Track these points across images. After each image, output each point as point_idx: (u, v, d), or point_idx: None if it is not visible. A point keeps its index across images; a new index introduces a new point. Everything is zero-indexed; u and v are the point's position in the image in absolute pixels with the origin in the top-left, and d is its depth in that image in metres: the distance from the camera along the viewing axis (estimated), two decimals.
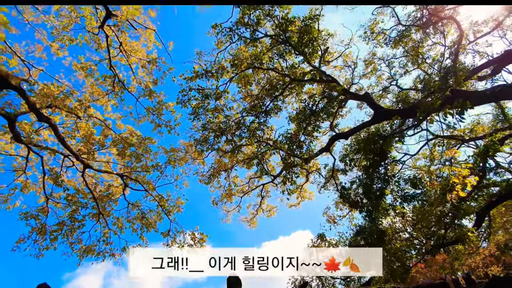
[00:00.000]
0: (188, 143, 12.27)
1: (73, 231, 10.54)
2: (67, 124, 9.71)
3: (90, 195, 10.72)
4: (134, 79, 10.52)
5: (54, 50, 9.45)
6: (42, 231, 10.18)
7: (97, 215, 10.90)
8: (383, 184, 10.08)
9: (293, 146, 10.91)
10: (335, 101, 11.01)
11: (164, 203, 11.88)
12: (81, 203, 10.61)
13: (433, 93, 11.70)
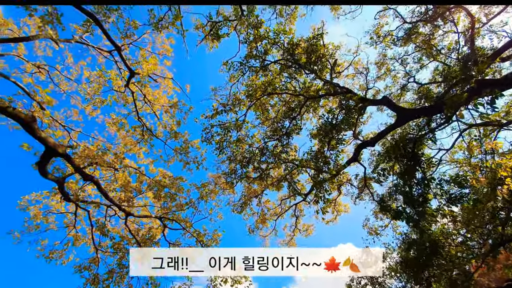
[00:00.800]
0: (216, 175, 12.63)
1: (122, 277, 10.97)
2: (106, 177, 10.49)
3: (134, 240, 11.23)
4: (160, 125, 11.28)
5: (88, 112, 10.50)
6: (95, 281, 10.71)
7: None
8: (424, 189, 9.55)
9: (319, 162, 10.83)
10: (354, 110, 10.92)
11: (202, 238, 12.08)
12: (127, 249, 11.12)
13: (456, 84, 11.23)
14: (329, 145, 10.60)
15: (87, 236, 11.53)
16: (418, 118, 11.59)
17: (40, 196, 10.16)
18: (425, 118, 11.11)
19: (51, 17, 7.00)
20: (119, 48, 8.47)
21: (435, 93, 12.32)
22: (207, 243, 12.06)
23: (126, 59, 8.79)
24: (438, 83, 13.23)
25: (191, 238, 12.49)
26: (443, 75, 12.75)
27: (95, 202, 10.07)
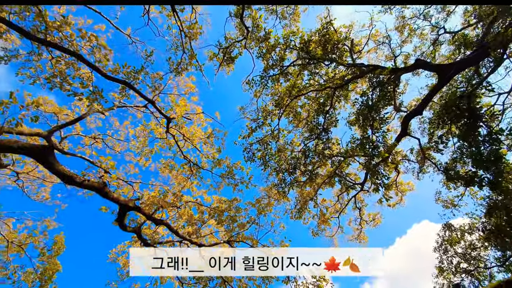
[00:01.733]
0: (267, 188, 12.83)
1: None
2: (171, 216, 11.40)
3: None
4: (202, 156, 11.97)
5: (141, 164, 11.65)
6: None
7: (223, 282, 11.88)
8: (493, 144, 8.46)
9: (366, 148, 10.33)
10: (387, 84, 10.29)
11: (270, 252, 12.29)
12: (207, 277, 11.81)
13: (495, 20, 9.95)
14: (372, 127, 10.09)
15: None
16: (463, 70, 10.45)
17: (124, 246, 11.43)
18: (471, 68, 9.98)
19: (95, 95, 8.09)
20: (152, 101, 9.36)
21: (474, 37, 11.02)
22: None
23: (160, 108, 9.65)
24: (473, 25, 11.86)
25: None
26: (476, 15, 11.40)
27: (169, 241, 10.97)
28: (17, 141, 6.35)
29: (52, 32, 7.50)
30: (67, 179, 7.19)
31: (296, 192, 13.41)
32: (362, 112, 10.04)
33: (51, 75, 7.53)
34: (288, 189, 11.33)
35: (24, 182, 9.93)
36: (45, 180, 10.32)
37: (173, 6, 8.83)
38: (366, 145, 10.42)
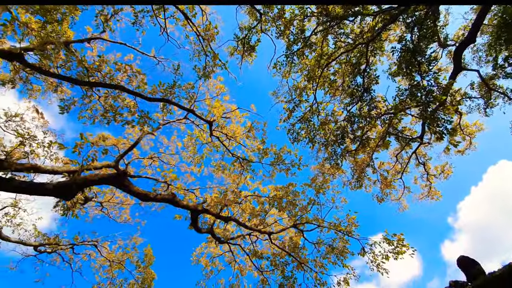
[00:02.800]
0: (319, 165, 12.60)
1: (293, 287, 12.02)
2: (236, 213, 11.97)
3: (283, 253, 12.25)
4: (248, 150, 12.24)
5: (195, 171, 12.39)
6: None
7: (299, 265, 12.14)
8: None
9: (418, 97, 9.40)
10: (424, 20, 9.14)
11: (338, 227, 12.11)
12: (282, 262, 12.20)
13: None
14: (419, 72, 9.12)
15: (247, 264, 13.26)
16: None
17: (202, 248, 12.41)
18: None
19: (143, 119, 8.81)
20: (191, 110, 9.84)
21: None
22: (346, 229, 12.00)
23: (200, 114, 10.10)
24: None
25: (328, 231, 12.72)
26: None
27: (240, 235, 11.56)
28: (96, 174, 7.28)
29: (94, 73, 8.33)
30: (142, 197, 8.03)
31: (350, 162, 12.93)
32: (404, 59, 9.13)
33: (104, 111, 8.41)
34: (341, 161, 10.95)
35: (108, 209, 11.43)
36: (123, 204, 11.72)
37: (185, 15, 9.07)
38: (417, 92, 9.49)
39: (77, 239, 10.65)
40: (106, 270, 11.72)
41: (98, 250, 11.25)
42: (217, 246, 12.44)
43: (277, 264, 12.57)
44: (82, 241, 10.75)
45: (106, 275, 11.80)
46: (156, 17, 9.25)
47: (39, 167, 7.52)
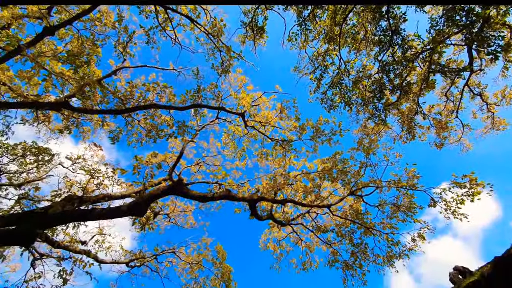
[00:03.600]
0: (362, 127, 12.02)
1: (365, 253, 11.90)
2: (289, 194, 12.10)
3: (347, 222, 12.12)
4: (284, 131, 12.15)
5: (240, 165, 12.74)
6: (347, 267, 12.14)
7: (366, 230, 11.92)
8: None
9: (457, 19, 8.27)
10: None
11: (399, 183, 11.52)
12: (348, 231, 12.11)
13: None
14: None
15: (313, 240, 13.42)
16: None
17: (266, 235, 12.87)
18: None
19: (181, 129, 9.28)
20: (221, 108, 10.06)
21: None
22: (408, 184, 11.37)
23: (230, 110, 10.28)
24: None
25: (389, 190, 12.19)
26: None
27: (300, 215, 11.71)
28: (158, 188, 7.94)
29: (128, 100, 8.94)
30: (201, 199, 8.56)
31: (395, 115, 12.07)
32: None
33: (147, 132, 9.04)
34: (385, 115, 10.26)
35: (174, 219, 12.46)
36: (186, 211, 12.66)
37: (190, 18, 9.16)
38: (456, 16, 8.37)
39: (157, 250, 11.86)
40: (188, 272, 12.89)
41: (177, 255, 12.40)
42: (279, 229, 12.79)
43: (344, 234, 12.50)
44: (162, 251, 11.93)
45: (190, 276, 12.98)
46: (165, 30, 9.51)
47: (110, 195, 8.45)
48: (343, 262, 12.64)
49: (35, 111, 8.53)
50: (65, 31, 8.39)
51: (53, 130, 9.76)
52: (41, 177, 8.97)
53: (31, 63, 8.34)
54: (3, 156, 8.69)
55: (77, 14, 7.39)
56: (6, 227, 6.81)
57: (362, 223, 12.26)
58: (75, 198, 7.48)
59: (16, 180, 8.66)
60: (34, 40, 7.35)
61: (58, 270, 7.06)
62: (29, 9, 7.62)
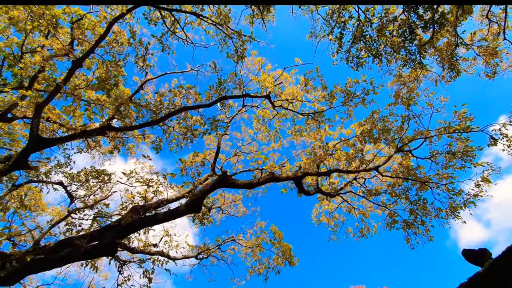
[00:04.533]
0: (395, 78, 11.14)
1: (425, 208, 11.36)
2: (332, 165, 11.89)
3: (399, 180, 11.61)
4: (314, 104, 11.78)
5: (276, 147, 12.76)
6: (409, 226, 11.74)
7: (421, 185, 11.34)
8: None
9: None
10: None
11: (449, 129, 10.59)
12: (402, 190, 11.65)
13: None
14: None
15: (366, 206, 13.16)
16: None
17: (317, 209, 12.94)
18: None
19: (213, 125, 9.54)
20: (245, 95, 10.07)
21: None
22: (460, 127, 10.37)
23: (255, 94, 10.23)
24: None
25: (439, 139, 11.31)
26: None
27: (347, 183, 11.49)
28: (206, 184, 8.40)
29: (160, 109, 9.39)
30: (248, 186, 8.85)
31: (432, 55, 10.90)
32: None
33: (183, 134, 9.48)
34: (421, 57, 9.30)
35: (226, 210, 13.17)
36: (235, 201, 13.27)
37: (195, 13, 9.13)
38: None
39: (219, 241, 12.70)
40: (251, 256, 13.65)
41: (237, 242, 13.17)
42: (329, 201, 12.72)
43: (398, 194, 12.01)
44: (223, 241, 12.76)
45: (253, 259, 13.74)
46: (175, 33, 9.63)
47: (167, 199, 9.17)
48: (403, 222, 12.24)
49: (85, 139, 9.51)
50: (89, 60, 9.00)
51: (104, 153, 10.81)
52: (106, 196, 10.06)
53: (70, 98, 9.18)
54: (72, 184, 9.87)
55: (96, 41, 7.84)
56: (91, 243, 7.83)
57: (415, 178, 11.63)
58: (139, 207, 8.26)
59: (88, 202, 9.84)
60: (67, 76, 8.02)
61: (142, 271, 7.99)
62: (55, 48, 8.29)
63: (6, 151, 9.55)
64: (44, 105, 7.44)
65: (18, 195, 9.51)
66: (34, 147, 7.84)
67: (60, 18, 8.12)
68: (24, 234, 9.74)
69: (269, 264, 13.49)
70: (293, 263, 13.71)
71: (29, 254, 6.79)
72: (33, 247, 7.63)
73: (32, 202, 10.03)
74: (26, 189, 9.79)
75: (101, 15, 8.07)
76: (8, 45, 9.33)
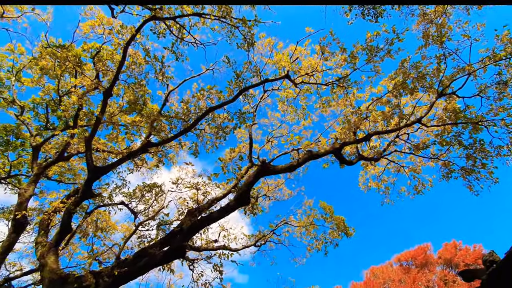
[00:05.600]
0: (420, 17, 10.09)
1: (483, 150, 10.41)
2: (369, 128, 11.37)
3: (447, 127, 10.72)
4: (336, 70, 11.23)
5: (307, 124, 12.54)
6: None
7: (475, 126, 10.36)
8: None
9: None
10: None
11: (494, 57, 9.38)
12: (452, 136, 10.77)
13: None
14: None
15: (416, 162, 12.48)
16: None
17: (363, 177, 12.63)
18: None
19: (240, 118, 9.66)
20: (264, 80, 9.97)
21: None
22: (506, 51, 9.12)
23: (274, 77, 10.09)
24: None
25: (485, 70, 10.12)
26: None
27: (389, 143, 10.96)
28: (249, 176, 8.66)
29: (187, 117, 9.76)
30: (289, 169, 8.93)
31: None
32: None
33: (215, 134, 9.79)
34: None
35: (272, 196, 13.55)
36: (279, 185, 13.54)
37: (197, 14, 9.15)
38: None
39: (272, 226, 13.13)
40: (306, 234, 13.92)
41: (290, 224, 13.49)
42: (374, 165, 12.27)
43: (449, 142, 11.14)
44: (276, 225, 13.16)
45: (309, 237, 13.99)
46: (183, 40, 9.79)
47: (216, 198, 9.68)
48: (461, 170, 11.42)
49: (132, 160, 10.38)
50: (116, 87, 9.63)
51: (150, 168, 11.71)
52: (163, 206, 10.96)
53: (110, 126, 10.00)
54: (131, 201, 10.90)
55: (117, 68, 8.32)
56: (162, 250, 8.64)
57: (466, 121, 10.66)
58: (194, 210, 8.86)
59: (149, 214, 10.83)
60: (102, 107, 8.69)
61: (212, 266, 8.66)
62: (86, 85, 9.03)
63: (72, 185, 10.90)
64: (92, 138, 8.21)
65: (92, 220, 10.85)
66: (93, 176, 8.76)
67: (82, 56, 8.76)
68: (106, 252, 11.12)
69: (325, 239, 13.64)
70: (350, 234, 13.67)
71: (115, 268, 7.74)
72: (116, 262, 8.66)
73: (104, 224, 11.38)
74: (97, 214, 11.12)
75: (115, 42, 8.53)
76: (47, 92, 10.38)
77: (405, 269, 27.11)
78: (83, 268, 8.89)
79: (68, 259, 11.05)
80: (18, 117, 10.56)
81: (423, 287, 24.62)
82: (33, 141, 9.95)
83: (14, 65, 10.30)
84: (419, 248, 27.85)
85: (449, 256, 26.08)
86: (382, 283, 26.33)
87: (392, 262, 29.23)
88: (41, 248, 8.27)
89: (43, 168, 9.70)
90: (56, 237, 8.29)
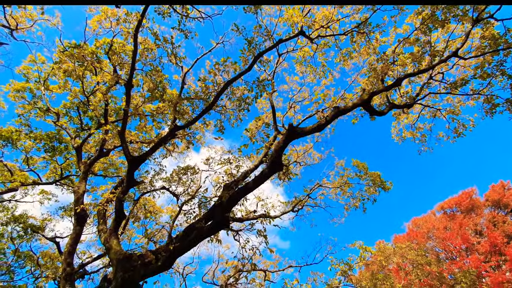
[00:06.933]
0: None
1: None
2: (397, 75, 10.55)
3: (486, 57, 9.54)
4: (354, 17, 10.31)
5: (327, 82, 11.97)
6: None
7: None
8: None
9: None
10: None
11: None
12: (495, 66, 9.59)
13: None
14: None
15: (453, 102, 11.51)
16: None
17: (396, 127, 12.00)
18: None
19: (259, 87, 9.45)
20: (278, 42, 9.48)
21: None
22: None
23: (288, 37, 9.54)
24: None
25: None
26: None
27: (422, 86, 10.13)
28: (278, 142, 8.64)
29: (207, 96, 9.74)
30: (317, 129, 8.71)
31: None
32: None
33: (238, 106, 9.76)
34: None
35: (303, 161, 13.56)
36: (307, 150, 13.45)
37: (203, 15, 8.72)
38: None
39: (307, 190, 13.30)
40: (342, 194, 13.93)
41: (324, 187, 13.55)
42: (407, 113, 11.54)
43: (491, 73, 10.03)
44: (310, 189, 13.31)
45: (345, 196, 14.01)
46: (189, 16, 9.50)
47: (249, 169, 9.89)
48: (506, 102, 10.37)
49: (164, 146, 10.84)
50: (134, 78, 9.82)
51: (181, 151, 12.20)
52: (200, 185, 11.50)
53: (137, 117, 10.38)
54: (170, 185, 11.57)
55: (132, 58, 8.40)
56: (207, 223, 9.21)
57: (508, 46, 9.41)
58: (230, 184, 9.18)
59: (189, 194, 11.49)
60: (126, 99, 8.97)
61: (256, 231, 9.12)
62: (107, 80, 9.31)
63: (117, 178, 11.79)
64: (124, 131, 8.62)
65: (140, 205, 11.83)
66: (132, 166, 9.34)
67: (98, 53, 8.95)
68: (157, 233, 12.18)
69: (362, 196, 13.55)
70: (387, 188, 13.41)
71: (169, 244, 8.47)
72: (169, 239, 9.45)
73: (151, 209, 12.37)
74: (143, 200, 12.07)
75: (125, 32, 8.53)
76: (74, 96, 10.93)
77: (449, 216, 26.39)
78: (143, 247, 9.89)
79: (128, 242, 12.33)
80: (56, 123, 11.36)
81: (471, 231, 23.96)
82: (74, 143, 10.74)
83: (39, 75, 10.88)
84: (463, 194, 26.70)
85: (497, 197, 24.75)
86: (426, 232, 26.03)
87: (434, 211, 28.54)
88: (103, 235, 9.24)
89: (88, 166, 10.52)
90: (114, 224, 9.18)
